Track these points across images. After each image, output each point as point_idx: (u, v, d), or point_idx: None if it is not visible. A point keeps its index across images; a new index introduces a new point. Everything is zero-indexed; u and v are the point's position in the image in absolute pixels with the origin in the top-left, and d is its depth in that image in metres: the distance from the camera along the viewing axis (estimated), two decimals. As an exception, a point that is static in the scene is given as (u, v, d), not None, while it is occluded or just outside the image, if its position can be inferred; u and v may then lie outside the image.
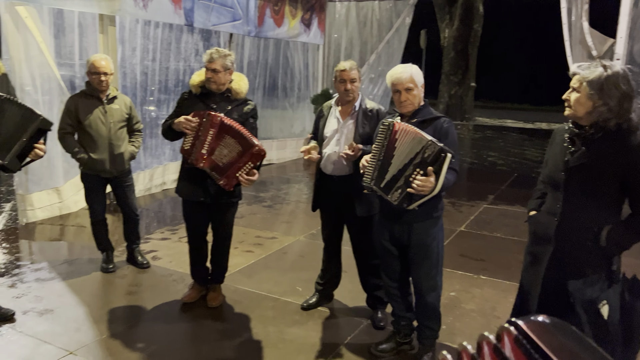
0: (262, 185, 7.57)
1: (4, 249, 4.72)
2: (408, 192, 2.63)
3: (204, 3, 6.45)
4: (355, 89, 3.27)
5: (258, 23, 7.60)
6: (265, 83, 8.96)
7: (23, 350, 3.05)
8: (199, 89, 3.43)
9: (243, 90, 3.47)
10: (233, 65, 3.40)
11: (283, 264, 4.59)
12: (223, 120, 3.23)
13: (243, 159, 3.23)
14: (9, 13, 4.83)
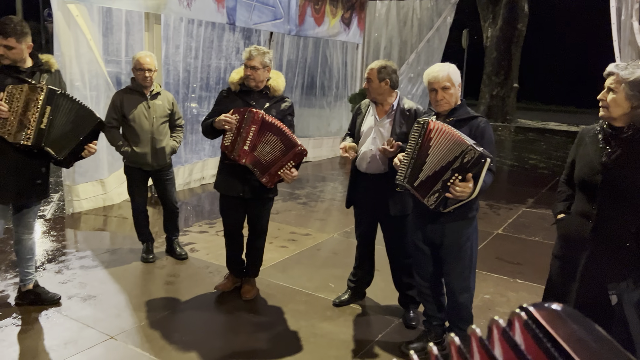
0: (297, 182, 7.64)
1: (51, 237, 4.95)
2: (445, 197, 2.63)
3: (246, 2, 6.56)
4: (373, 88, 3.27)
5: (299, 22, 7.67)
6: (303, 81, 9.03)
7: (67, 333, 3.20)
8: (238, 87, 3.50)
9: (281, 88, 3.53)
10: (271, 63, 3.46)
11: (316, 260, 4.64)
12: (264, 116, 3.29)
13: (286, 158, 3.28)
14: (61, 11, 5.06)
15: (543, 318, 0.60)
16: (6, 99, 2.99)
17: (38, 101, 3.03)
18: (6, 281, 3.83)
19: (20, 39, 3.02)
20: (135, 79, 4.11)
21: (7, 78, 3.04)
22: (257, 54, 3.36)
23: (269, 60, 3.41)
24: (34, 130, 3.03)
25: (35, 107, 3.03)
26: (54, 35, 5.24)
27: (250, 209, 3.65)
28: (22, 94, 3.01)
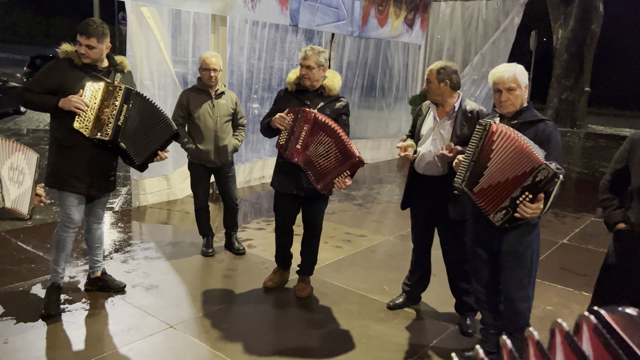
0: (354, 183, 7.63)
1: (119, 228, 5.21)
2: (513, 215, 2.55)
3: (310, 4, 6.63)
4: (432, 89, 3.21)
5: (362, 23, 7.67)
6: (363, 83, 9.01)
7: (131, 320, 3.36)
8: (294, 86, 3.56)
9: (336, 87, 3.55)
10: (327, 62, 3.50)
11: (371, 262, 4.62)
12: (317, 116, 3.31)
13: (342, 168, 3.27)
14: (134, 13, 5.32)
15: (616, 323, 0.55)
16: (85, 94, 3.16)
17: (116, 99, 3.19)
18: (77, 268, 4.07)
19: (100, 40, 3.21)
20: (201, 78, 4.25)
21: (85, 76, 3.23)
22: (312, 53, 3.40)
23: (324, 59, 3.45)
24: (112, 126, 3.20)
25: (114, 105, 3.19)
26: (127, 37, 5.52)
27: (305, 207, 3.70)
28: (99, 91, 3.19)
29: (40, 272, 3.96)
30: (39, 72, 3.29)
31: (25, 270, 4.00)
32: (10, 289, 3.67)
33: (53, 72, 3.22)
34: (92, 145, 3.26)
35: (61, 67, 3.21)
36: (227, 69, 6.34)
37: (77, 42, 3.20)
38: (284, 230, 3.84)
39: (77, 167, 3.26)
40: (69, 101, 3.11)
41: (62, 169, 3.24)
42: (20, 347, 2.97)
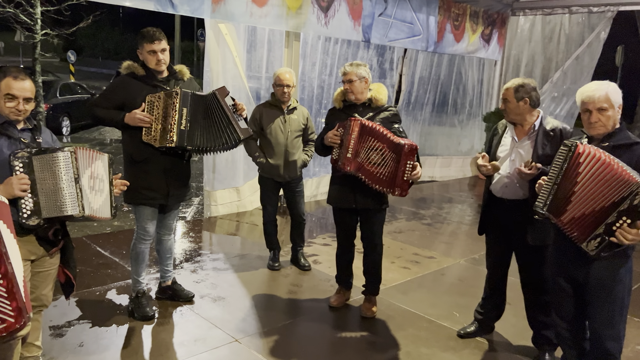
0: (422, 202, 7.44)
1: (190, 237, 5.36)
2: (609, 242, 2.34)
3: (383, 19, 6.59)
4: (510, 109, 3.05)
5: (437, 38, 7.52)
6: (435, 99, 8.82)
7: (197, 331, 3.41)
8: (341, 103, 3.61)
9: (383, 98, 3.56)
10: (369, 75, 3.52)
11: (440, 285, 4.44)
12: (362, 122, 3.33)
13: (402, 164, 3.25)
14: (213, 30, 5.50)
15: None
16: (147, 108, 3.25)
17: (175, 105, 3.22)
18: (149, 275, 4.20)
19: (166, 42, 3.35)
20: (275, 94, 4.30)
21: (147, 87, 3.28)
22: (351, 68, 3.47)
23: (364, 72, 3.48)
24: (176, 132, 3.23)
25: (174, 111, 3.22)
26: (204, 53, 5.71)
27: (363, 220, 3.66)
28: (160, 101, 3.24)
29: (116, 278, 4.13)
30: (106, 88, 3.45)
31: (102, 275, 4.18)
32: (88, 293, 3.84)
33: (118, 87, 3.34)
34: (164, 156, 3.33)
35: (125, 82, 3.31)
36: (299, 84, 6.41)
37: (147, 53, 3.25)
38: (345, 246, 3.81)
39: (152, 179, 3.35)
40: (133, 117, 3.20)
41: (138, 182, 3.31)
42: (94, 351, 3.08)
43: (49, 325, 3.31)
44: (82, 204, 2.46)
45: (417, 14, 7.00)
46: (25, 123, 2.48)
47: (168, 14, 5.25)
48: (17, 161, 2.31)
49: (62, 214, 2.41)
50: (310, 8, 5.68)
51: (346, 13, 6.10)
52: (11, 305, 1.27)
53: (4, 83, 2.34)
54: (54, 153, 2.38)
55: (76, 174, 2.44)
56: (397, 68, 7.94)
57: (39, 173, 2.35)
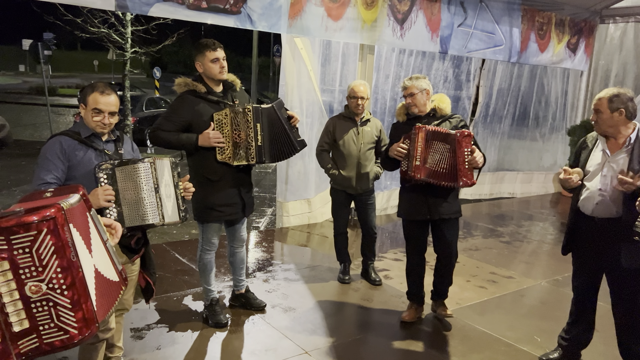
0: (500, 218, 7.11)
1: (263, 247, 5.44)
2: None
3: (463, 30, 6.42)
4: (603, 120, 2.84)
5: (521, 49, 7.22)
6: (515, 111, 8.44)
7: (268, 340, 3.43)
8: (404, 117, 3.60)
9: (446, 107, 3.55)
10: (429, 86, 3.50)
11: (520, 307, 4.19)
12: (427, 128, 3.33)
13: (459, 152, 3.22)
14: (289, 44, 5.62)
15: None
16: (216, 126, 3.25)
17: (248, 121, 3.24)
18: (224, 283, 4.30)
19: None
20: (349, 106, 4.30)
21: (209, 104, 3.27)
22: (410, 82, 3.47)
23: (425, 84, 3.48)
24: (254, 149, 3.28)
25: (249, 128, 3.25)
26: (281, 67, 5.84)
27: (437, 230, 3.58)
28: (227, 118, 3.25)
29: (193, 285, 4.26)
30: (169, 110, 3.33)
31: (179, 281, 4.34)
32: (166, 298, 3.99)
33: (182, 108, 3.26)
34: (236, 171, 3.40)
35: (188, 102, 3.25)
36: (372, 97, 6.37)
37: (210, 62, 3.23)
38: (417, 259, 3.74)
39: (230, 196, 3.41)
40: (207, 139, 3.21)
41: (215, 200, 3.37)
42: (170, 355, 3.18)
43: (130, 327, 3.46)
44: (162, 212, 2.55)
45: (499, 23, 6.76)
46: (109, 135, 2.58)
47: (246, 31, 5.42)
48: (102, 173, 2.41)
49: (144, 222, 2.50)
50: (386, 21, 5.65)
51: (423, 25, 6.00)
52: (76, 316, 1.28)
53: (92, 98, 2.45)
54: (135, 164, 2.48)
55: (156, 184, 2.53)
56: (475, 80, 7.70)
57: (122, 183, 2.45)
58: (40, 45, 11.70)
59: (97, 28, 11.03)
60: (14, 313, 1.24)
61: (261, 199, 8.05)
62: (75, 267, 1.30)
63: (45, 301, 1.27)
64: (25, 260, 1.24)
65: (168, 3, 4.18)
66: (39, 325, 1.27)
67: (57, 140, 2.43)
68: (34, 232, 1.24)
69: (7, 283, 1.23)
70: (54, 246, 1.26)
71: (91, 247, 1.45)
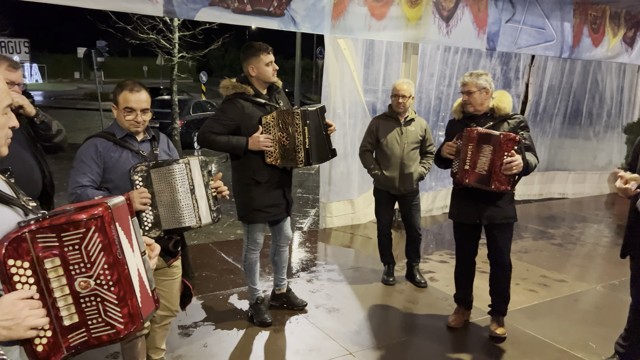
0: (551, 220, 6.86)
1: (306, 247, 5.46)
2: None
3: (512, 25, 6.23)
4: None
5: (573, 43, 6.94)
6: (566, 109, 8.13)
7: (312, 340, 3.43)
8: (460, 114, 3.47)
9: (506, 107, 3.34)
10: (490, 84, 3.31)
11: (573, 312, 4.02)
12: (478, 130, 3.18)
13: (498, 154, 3.05)
14: (332, 45, 5.62)
15: None
16: (264, 130, 3.29)
17: (297, 124, 3.23)
18: (268, 282, 4.34)
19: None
20: (392, 105, 4.25)
21: (257, 106, 3.30)
22: (470, 78, 3.31)
23: (485, 82, 3.29)
24: (303, 152, 3.28)
25: (297, 131, 3.24)
26: (323, 68, 5.84)
27: (489, 236, 3.44)
28: (275, 121, 3.27)
29: (238, 284, 4.32)
30: (218, 113, 3.34)
31: (225, 280, 4.41)
32: (213, 296, 4.07)
33: (232, 111, 3.28)
34: (282, 173, 3.44)
35: (237, 105, 3.27)
36: (416, 96, 6.28)
37: (265, 65, 3.25)
38: (466, 264, 3.62)
39: (275, 196, 3.44)
40: (257, 142, 3.24)
41: (263, 202, 3.41)
42: (216, 353, 3.23)
43: (178, 325, 3.54)
44: (198, 214, 2.47)
45: (550, 18, 6.52)
46: (144, 134, 2.55)
47: (289, 34, 5.46)
48: (137, 175, 2.38)
49: (180, 225, 2.45)
50: (431, 18, 5.56)
51: (470, 21, 5.87)
52: (122, 311, 1.32)
53: (122, 97, 2.43)
54: (170, 165, 2.41)
55: (191, 185, 2.46)
56: (524, 77, 7.46)
57: (157, 185, 2.40)
58: (94, 52, 12.21)
59: (146, 34, 11.40)
60: (65, 307, 1.29)
61: (304, 199, 8.08)
62: (121, 264, 1.34)
63: (94, 296, 1.31)
64: (75, 256, 1.28)
65: (214, 8, 4.25)
66: (87, 319, 1.31)
67: (92, 143, 2.44)
68: (82, 230, 1.28)
69: (58, 278, 1.28)
70: (101, 243, 1.30)
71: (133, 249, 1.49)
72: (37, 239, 1.25)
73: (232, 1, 4.32)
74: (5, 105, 1.32)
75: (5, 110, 1.32)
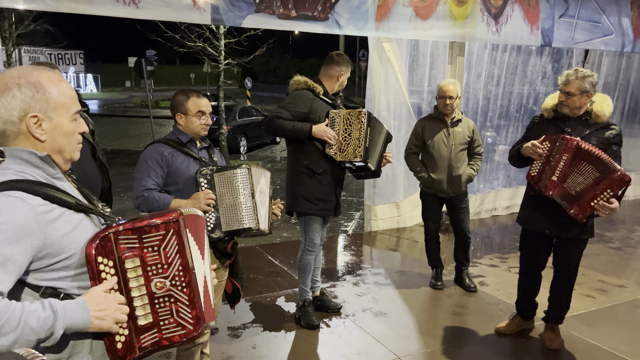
0: (609, 223, 6.55)
1: (352, 251, 5.44)
2: None
3: (566, 20, 6.00)
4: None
5: (634, 36, 6.60)
6: (624, 107, 7.76)
7: (360, 344, 3.40)
8: (551, 113, 3.19)
9: (606, 113, 3.04)
10: (594, 88, 3.02)
11: (634, 319, 3.82)
12: (580, 144, 2.89)
13: (601, 186, 2.81)
14: (375, 47, 5.59)
15: None
16: (329, 123, 3.38)
17: (362, 123, 3.32)
18: (315, 285, 4.34)
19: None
20: (437, 106, 4.18)
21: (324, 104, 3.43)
22: (574, 78, 3.00)
23: (589, 85, 2.99)
24: (362, 149, 3.32)
25: (361, 130, 3.32)
26: (367, 71, 5.82)
27: (558, 248, 3.25)
28: (341, 118, 3.37)
29: (284, 286, 4.35)
30: (287, 100, 3.47)
31: (272, 282, 4.45)
32: (260, 298, 4.11)
33: (301, 100, 3.41)
34: (337, 169, 3.47)
35: (307, 96, 3.43)
36: (463, 96, 6.16)
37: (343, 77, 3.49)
38: (531, 272, 3.41)
39: (327, 191, 3.48)
40: (321, 130, 3.33)
41: (314, 194, 3.45)
42: (265, 355, 3.26)
43: (227, 326, 3.60)
44: (257, 217, 2.57)
45: (605, 12, 6.25)
46: (201, 142, 2.68)
47: (333, 38, 5.46)
48: (202, 178, 2.50)
49: (241, 226, 2.53)
50: (480, 16, 5.43)
51: (521, 18, 5.70)
52: (191, 313, 1.37)
53: (191, 103, 2.57)
54: (234, 170, 2.53)
55: (252, 189, 2.56)
56: (577, 74, 7.17)
57: (220, 188, 2.52)
58: (144, 61, 12.63)
59: (194, 42, 11.71)
60: (141, 307, 1.35)
61: (349, 202, 8.07)
62: (192, 267, 1.39)
63: (167, 297, 1.36)
64: (154, 258, 1.35)
65: (260, 14, 4.32)
66: (160, 320, 1.36)
67: (157, 148, 2.55)
68: (162, 232, 1.34)
69: (137, 278, 1.34)
70: (177, 245, 1.36)
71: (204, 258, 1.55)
72: (120, 240, 1.32)
73: (277, 7, 4.37)
74: (74, 111, 1.38)
75: (75, 117, 1.38)
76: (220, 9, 4.11)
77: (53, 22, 18.15)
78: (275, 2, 4.35)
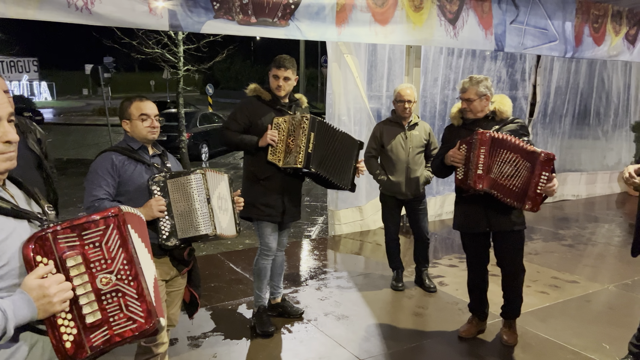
0: (562, 221, 6.80)
1: (314, 255, 5.45)
2: None
3: (516, 27, 6.22)
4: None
5: (576, 43, 6.91)
6: (574, 110, 8.08)
7: (322, 348, 3.41)
8: (460, 120, 3.41)
9: (507, 110, 3.31)
10: (490, 90, 3.26)
11: (585, 313, 3.97)
12: (493, 135, 3.09)
13: (536, 173, 2.94)
14: (334, 52, 5.64)
15: None
16: (274, 129, 3.38)
17: (304, 128, 3.32)
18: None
19: (294, 72, 3.49)
20: (395, 110, 4.25)
21: (271, 110, 3.45)
22: (469, 85, 3.25)
23: (484, 88, 3.23)
24: (304, 154, 3.32)
25: (303, 134, 3.31)
26: (327, 76, 5.87)
27: (499, 244, 3.36)
28: (286, 124, 3.37)
29: (247, 293, 4.32)
30: (234, 110, 3.53)
31: (234, 290, 4.41)
32: (221, 306, 4.07)
33: (245, 107, 3.46)
34: (283, 176, 3.45)
35: (251, 103, 3.47)
36: (420, 101, 6.28)
37: (272, 77, 3.44)
38: (479, 274, 3.52)
39: (271, 197, 3.47)
40: (265, 136, 3.35)
41: (257, 199, 3.46)
42: (225, 362, 3.23)
43: (187, 336, 3.55)
44: (214, 223, 2.54)
45: (552, 18, 6.51)
46: (154, 149, 2.64)
47: (294, 45, 5.48)
48: (155, 185, 2.45)
49: (197, 233, 2.50)
50: (437, 21, 5.56)
51: (476, 23, 5.86)
52: (141, 306, 1.36)
53: (134, 107, 2.55)
54: (187, 176, 2.49)
55: (207, 195, 2.53)
56: (530, 78, 7.44)
57: (174, 195, 2.47)
58: (101, 68, 12.32)
59: (152, 49, 11.52)
60: (87, 305, 1.33)
61: (312, 207, 8.09)
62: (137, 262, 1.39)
63: (115, 292, 1.35)
64: (96, 254, 1.34)
65: (219, 20, 4.29)
66: (109, 316, 1.35)
67: (107, 156, 2.49)
68: (102, 227, 1.34)
69: (80, 276, 1.33)
70: (119, 239, 1.36)
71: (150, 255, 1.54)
72: (59, 239, 1.30)
73: (237, 13, 4.35)
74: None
75: None
76: (178, 14, 4.05)
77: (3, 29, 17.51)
78: (235, 8, 4.33)
